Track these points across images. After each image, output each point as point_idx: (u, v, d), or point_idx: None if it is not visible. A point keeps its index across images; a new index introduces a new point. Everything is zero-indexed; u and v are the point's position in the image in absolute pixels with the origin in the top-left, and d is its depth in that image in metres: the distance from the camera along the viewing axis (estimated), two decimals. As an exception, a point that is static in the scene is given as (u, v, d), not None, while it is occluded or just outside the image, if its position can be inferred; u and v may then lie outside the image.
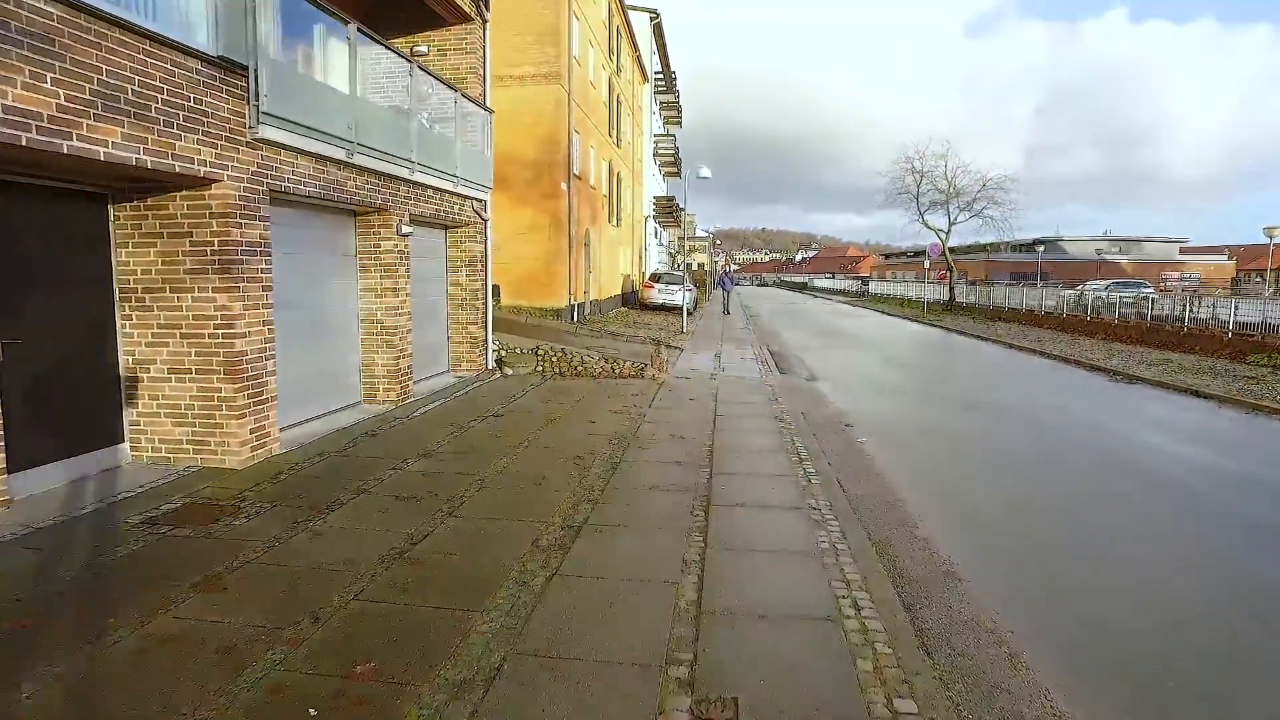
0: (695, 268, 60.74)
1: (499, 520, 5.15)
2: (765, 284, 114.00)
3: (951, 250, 35.46)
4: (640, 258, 36.89)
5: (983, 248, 66.21)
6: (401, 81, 9.32)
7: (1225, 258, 68.77)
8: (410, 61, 9.25)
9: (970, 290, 35.08)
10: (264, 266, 6.60)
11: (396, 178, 9.06)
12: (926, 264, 34.87)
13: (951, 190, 33.71)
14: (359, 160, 7.96)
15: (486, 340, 12.50)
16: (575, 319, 18.73)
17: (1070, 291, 28.11)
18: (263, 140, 6.40)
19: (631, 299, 30.30)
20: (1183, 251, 68.17)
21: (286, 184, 6.88)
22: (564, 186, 18.31)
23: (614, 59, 26.27)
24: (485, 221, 12.39)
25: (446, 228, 11.97)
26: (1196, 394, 12.08)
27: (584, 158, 20.93)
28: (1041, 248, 51.19)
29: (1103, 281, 37.79)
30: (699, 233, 78.33)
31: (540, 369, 12.51)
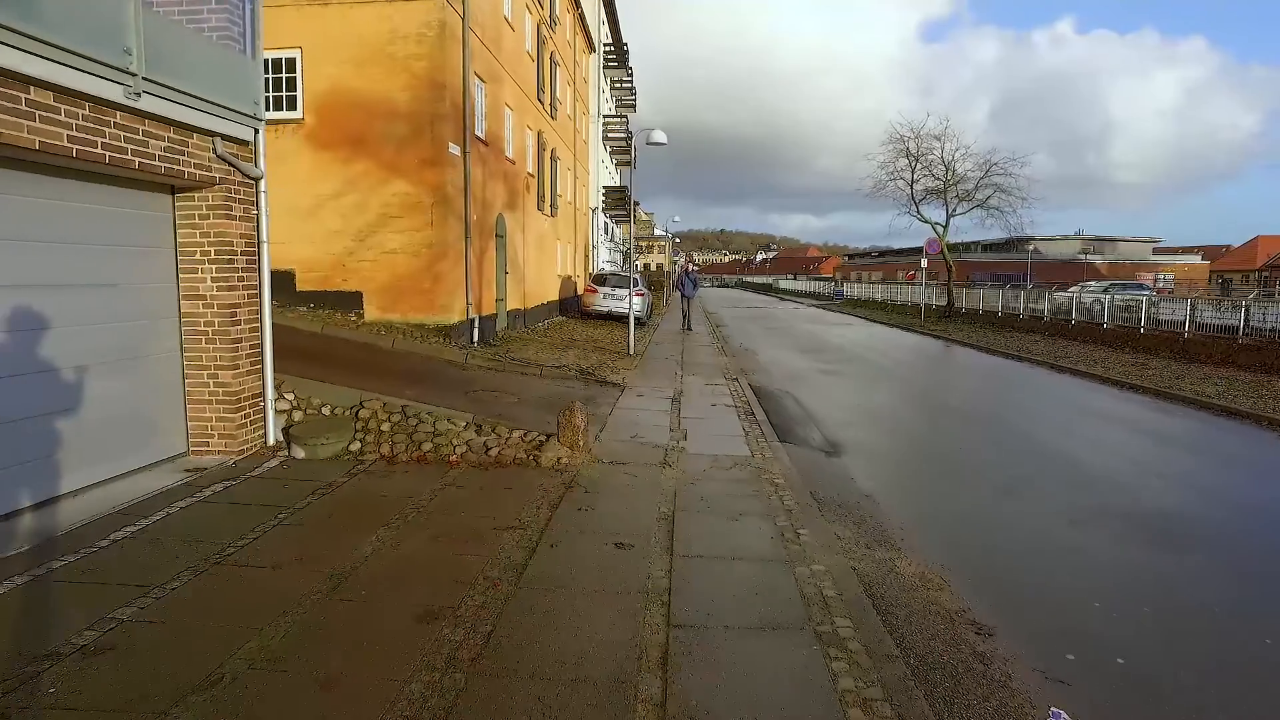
0: (654, 269, 55.33)
1: None
2: (727, 285, 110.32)
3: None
4: (587, 256, 31.33)
5: (953, 247, 62.17)
6: None
7: (1199, 258, 66.40)
8: None
9: (958, 293, 30.36)
10: None
11: None
12: (924, 263, 29.94)
13: (950, 177, 28.75)
14: None
15: (263, 396, 6.93)
16: (475, 339, 13.18)
17: (1062, 295, 24.52)
18: None
19: (573, 305, 24.79)
20: (1156, 252, 65.71)
21: None
22: (455, 150, 12.74)
23: (544, 4, 20.75)
24: (255, 181, 6.82)
25: (175, 190, 6.40)
26: None
27: (495, 117, 15.38)
28: (1033, 247, 47.08)
29: (1099, 283, 33.75)
30: (657, 233, 73.03)
31: (359, 447, 6.95)
